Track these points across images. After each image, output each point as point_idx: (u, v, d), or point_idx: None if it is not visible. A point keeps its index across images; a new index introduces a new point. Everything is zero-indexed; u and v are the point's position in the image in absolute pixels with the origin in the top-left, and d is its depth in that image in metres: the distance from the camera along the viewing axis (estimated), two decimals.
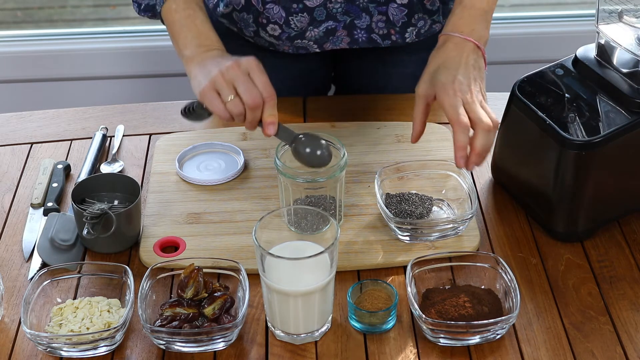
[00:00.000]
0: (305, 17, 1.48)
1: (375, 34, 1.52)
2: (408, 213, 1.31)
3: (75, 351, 1.14)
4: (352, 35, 1.52)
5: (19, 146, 1.52)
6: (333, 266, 1.13)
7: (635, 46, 1.30)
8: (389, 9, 1.49)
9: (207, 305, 1.16)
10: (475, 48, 1.31)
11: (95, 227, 1.26)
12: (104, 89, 2.34)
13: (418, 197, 1.34)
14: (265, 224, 1.15)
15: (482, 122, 1.23)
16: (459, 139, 1.23)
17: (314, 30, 1.51)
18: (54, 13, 3.15)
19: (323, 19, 1.49)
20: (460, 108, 1.24)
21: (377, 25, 1.51)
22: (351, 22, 1.50)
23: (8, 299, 1.23)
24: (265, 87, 1.24)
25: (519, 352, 1.15)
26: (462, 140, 1.23)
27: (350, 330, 1.19)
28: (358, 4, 1.48)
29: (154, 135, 1.54)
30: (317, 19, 1.49)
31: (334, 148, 1.30)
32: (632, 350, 1.16)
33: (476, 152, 1.24)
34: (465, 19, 1.33)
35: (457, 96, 1.25)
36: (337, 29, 1.51)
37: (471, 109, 1.24)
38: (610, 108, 1.27)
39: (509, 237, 1.33)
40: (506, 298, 1.18)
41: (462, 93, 1.25)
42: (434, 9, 1.53)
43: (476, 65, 1.30)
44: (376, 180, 1.33)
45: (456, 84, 1.26)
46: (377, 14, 1.50)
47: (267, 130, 1.25)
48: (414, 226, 1.28)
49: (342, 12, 1.49)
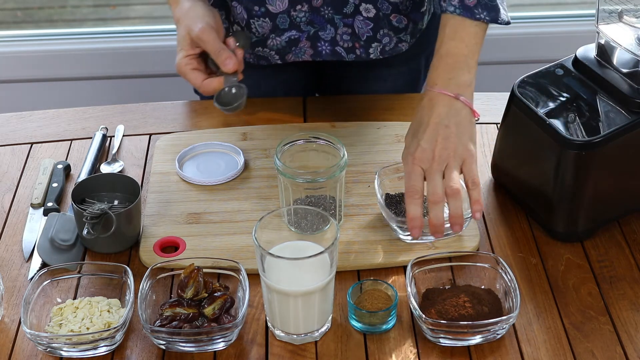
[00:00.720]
0: (267, 22, 1.46)
1: (339, 47, 1.50)
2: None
3: (75, 351, 1.14)
4: (315, 47, 1.50)
5: (19, 146, 1.52)
6: (333, 266, 1.13)
7: (635, 46, 1.30)
8: (354, 21, 1.47)
9: (207, 305, 1.16)
10: (451, 100, 1.26)
11: (95, 227, 1.26)
12: (104, 89, 2.34)
13: None
14: (265, 224, 1.15)
15: (433, 194, 1.22)
16: (409, 210, 1.23)
17: (275, 39, 1.49)
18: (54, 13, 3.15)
19: (286, 27, 1.47)
20: (412, 178, 1.23)
21: (342, 38, 1.49)
22: (315, 34, 1.48)
23: (8, 299, 1.23)
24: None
25: (519, 352, 1.15)
26: (411, 211, 1.23)
27: (350, 330, 1.19)
28: (323, 14, 1.46)
29: (154, 135, 1.54)
30: (280, 26, 1.47)
31: (334, 148, 1.30)
32: (632, 350, 1.16)
33: (430, 223, 1.23)
34: (441, 68, 1.29)
35: (414, 165, 1.24)
36: (300, 40, 1.49)
37: (428, 178, 1.23)
38: (610, 108, 1.27)
39: (509, 237, 1.33)
40: (506, 298, 1.18)
41: (420, 161, 1.23)
42: (401, 27, 1.50)
43: (449, 122, 1.25)
44: (376, 180, 1.33)
45: (417, 152, 1.24)
46: (342, 26, 1.48)
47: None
48: None
49: (306, 22, 1.47)
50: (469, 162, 1.24)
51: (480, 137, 1.52)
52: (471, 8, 1.30)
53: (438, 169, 1.23)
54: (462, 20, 1.30)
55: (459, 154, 1.24)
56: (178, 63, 1.33)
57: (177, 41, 1.34)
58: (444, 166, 1.23)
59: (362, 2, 1.45)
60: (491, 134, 1.52)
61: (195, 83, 1.33)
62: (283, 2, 1.44)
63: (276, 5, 1.44)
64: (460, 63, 1.29)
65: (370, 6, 1.46)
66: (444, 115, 1.25)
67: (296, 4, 1.45)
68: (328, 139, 1.31)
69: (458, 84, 1.27)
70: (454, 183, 1.22)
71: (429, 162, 1.23)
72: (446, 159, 1.23)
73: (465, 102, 1.26)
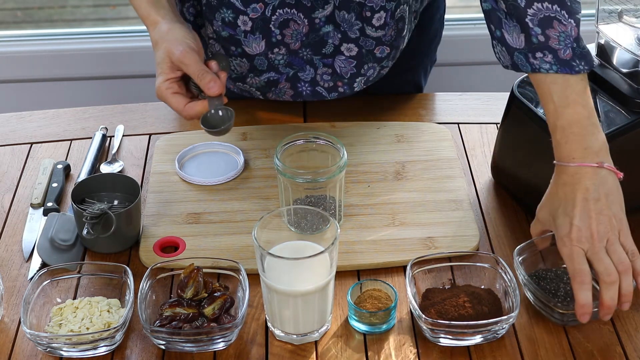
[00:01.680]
0: (244, 62, 1.44)
1: (320, 87, 1.47)
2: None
3: (75, 351, 1.14)
4: (295, 88, 1.47)
5: (19, 146, 1.52)
6: (333, 266, 1.13)
7: (635, 46, 1.30)
8: (335, 61, 1.44)
9: (207, 305, 1.16)
10: (595, 170, 1.17)
11: (95, 227, 1.26)
12: (104, 89, 2.34)
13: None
14: (265, 224, 1.15)
15: (608, 275, 1.13)
16: (579, 296, 1.13)
17: (255, 78, 1.46)
18: (54, 13, 3.16)
19: (264, 69, 1.44)
20: (577, 260, 1.14)
21: (322, 78, 1.46)
22: (294, 75, 1.45)
23: (8, 299, 1.23)
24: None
25: (519, 352, 1.15)
26: (581, 297, 1.13)
27: (350, 330, 1.19)
28: (302, 56, 1.43)
29: (153, 135, 1.54)
30: (258, 67, 1.44)
31: (334, 148, 1.30)
32: (632, 350, 1.16)
33: (604, 306, 1.13)
34: (572, 141, 1.17)
35: (574, 246, 1.14)
36: (280, 81, 1.46)
37: (594, 259, 1.14)
38: (610, 108, 1.27)
39: (509, 237, 1.33)
40: (506, 298, 1.18)
41: (579, 242, 1.14)
42: (384, 56, 1.46)
43: (599, 194, 1.16)
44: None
45: (573, 233, 1.15)
46: (322, 67, 1.44)
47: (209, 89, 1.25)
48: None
49: (285, 64, 1.44)
50: (625, 232, 1.16)
51: (480, 137, 1.52)
52: (568, 62, 1.19)
53: (602, 247, 1.14)
54: (564, 79, 1.19)
55: (615, 225, 1.15)
56: (158, 87, 1.27)
57: (156, 64, 1.28)
58: (605, 242, 1.14)
59: (342, 42, 1.41)
60: (491, 134, 1.52)
61: (177, 108, 1.27)
62: (260, 45, 1.41)
63: (252, 48, 1.41)
64: (588, 128, 1.17)
65: (352, 45, 1.42)
66: (592, 188, 1.16)
67: (273, 47, 1.41)
68: (328, 139, 1.31)
69: (596, 151, 1.17)
70: (624, 259, 1.14)
71: (588, 242, 1.14)
72: (605, 234, 1.14)
73: (610, 168, 1.18)
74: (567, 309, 1.16)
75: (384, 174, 1.42)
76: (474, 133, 1.53)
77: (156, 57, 1.28)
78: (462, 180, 1.41)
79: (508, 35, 1.23)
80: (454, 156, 1.46)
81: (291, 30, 1.39)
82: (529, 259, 1.22)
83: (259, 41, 1.40)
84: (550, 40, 1.19)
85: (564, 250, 1.16)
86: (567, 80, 1.19)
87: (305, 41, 1.41)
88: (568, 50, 1.19)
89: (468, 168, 1.46)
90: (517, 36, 1.21)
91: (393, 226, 1.33)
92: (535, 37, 1.19)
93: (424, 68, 1.66)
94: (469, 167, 1.46)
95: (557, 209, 1.18)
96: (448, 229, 1.32)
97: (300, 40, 1.40)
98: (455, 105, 1.61)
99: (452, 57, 2.19)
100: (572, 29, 1.19)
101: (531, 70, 1.21)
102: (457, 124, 1.55)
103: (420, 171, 1.43)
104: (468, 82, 2.25)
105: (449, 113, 1.59)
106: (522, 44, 1.21)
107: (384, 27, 1.41)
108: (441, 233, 1.31)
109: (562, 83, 1.19)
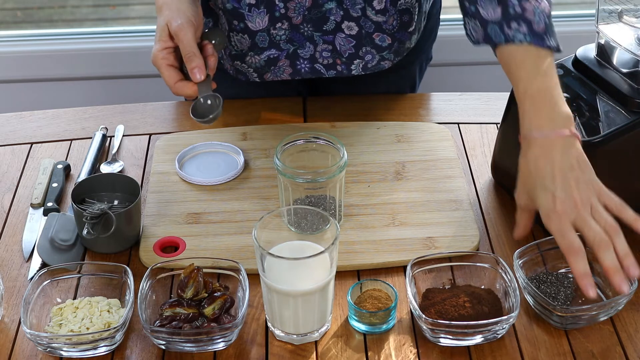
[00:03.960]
0: (245, 39, 1.45)
1: (318, 64, 1.49)
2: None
3: (75, 351, 1.14)
4: (294, 66, 1.49)
5: (19, 146, 1.52)
6: (333, 266, 1.13)
7: (635, 46, 1.30)
8: (336, 38, 1.45)
9: (207, 305, 1.16)
10: (564, 139, 1.18)
11: (95, 227, 1.26)
12: (104, 89, 2.34)
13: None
14: (265, 224, 1.15)
15: (599, 241, 1.12)
16: (576, 268, 1.12)
17: (255, 57, 1.47)
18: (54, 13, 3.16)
19: (265, 46, 1.46)
20: (567, 235, 1.13)
21: (322, 55, 1.47)
22: (294, 52, 1.47)
23: (8, 299, 1.23)
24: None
25: (519, 352, 1.15)
26: (578, 268, 1.12)
27: (350, 330, 1.19)
28: (303, 32, 1.44)
29: (153, 135, 1.54)
30: (259, 45, 1.46)
31: (334, 148, 1.30)
32: (632, 350, 1.16)
33: (610, 271, 1.11)
34: (541, 110, 1.19)
35: (562, 220, 1.14)
36: (280, 58, 1.47)
37: (583, 227, 1.13)
38: (610, 108, 1.27)
39: (509, 237, 1.33)
40: (506, 298, 1.18)
41: (567, 214, 1.14)
42: (384, 45, 1.48)
43: (572, 162, 1.17)
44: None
45: (558, 205, 1.14)
46: (322, 43, 1.46)
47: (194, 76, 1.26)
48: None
49: (286, 40, 1.45)
50: (604, 193, 1.16)
51: (480, 137, 1.52)
52: (541, 35, 1.22)
53: (588, 213, 1.14)
54: (536, 50, 1.22)
55: (593, 190, 1.16)
56: (154, 54, 1.29)
57: (155, 29, 1.31)
58: (589, 209, 1.14)
59: (344, 19, 1.43)
60: (491, 134, 1.52)
61: (168, 82, 1.29)
62: (263, 20, 1.42)
63: (256, 23, 1.42)
64: (556, 98, 1.20)
65: (353, 24, 1.44)
66: (564, 157, 1.17)
67: (276, 22, 1.43)
68: (328, 139, 1.31)
69: (564, 118, 1.19)
70: (611, 221, 1.14)
71: (574, 211, 1.14)
72: (588, 200, 1.14)
73: (574, 134, 1.18)
74: (567, 312, 1.16)
75: (384, 174, 1.43)
76: (474, 133, 1.53)
77: (157, 22, 1.31)
78: (462, 180, 1.41)
79: (483, 10, 1.26)
80: (454, 156, 1.46)
81: (294, 4, 1.41)
82: (528, 262, 1.22)
83: (262, 16, 1.42)
84: (526, 12, 1.23)
85: (552, 226, 1.15)
86: (538, 52, 1.22)
87: (307, 16, 1.42)
88: (542, 24, 1.23)
89: (468, 168, 1.46)
90: (492, 10, 1.25)
91: (393, 226, 1.33)
92: (513, 8, 1.23)
93: (420, 64, 1.67)
94: (469, 167, 1.46)
95: (535, 187, 1.18)
96: (448, 229, 1.32)
97: (302, 14, 1.42)
98: (455, 105, 1.61)
99: (452, 57, 2.19)
100: (546, 7, 1.24)
101: (505, 40, 1.24)
102: (457, 124, 1.55)
103: (420, 171, 1.43)
104: (468, 82, 2.25)
105: (449, 113, 1.59)
106: (499, 15, 1.24)
107: (384, 13, 1.43)
108: (441, 233, 1.31)
109: (535, 54, 1.22)
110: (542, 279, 1.22)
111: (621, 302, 1.16)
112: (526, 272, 1.21)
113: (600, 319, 1.17)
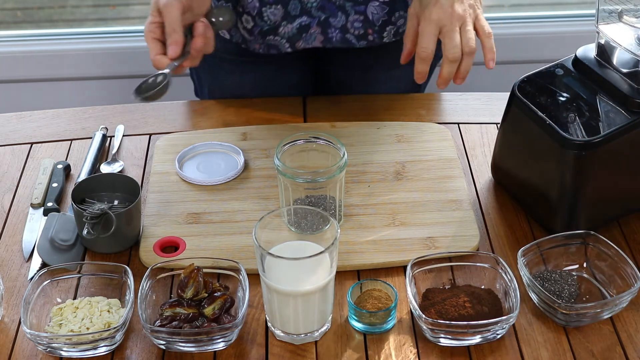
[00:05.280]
0: (279, 9, 1.47)
1: (350, 34, 1.50)
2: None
3: (75, 351, 1.14)
4: (326, 34, 1.50)
5: (19, 146, 1.52)
6: (333, 266, 1.13)
7: (635, 46, 1.30)
8: (368, 7, 1.47)
9: (207, 305, 1.16)
10: None
11: (95, 227, 1.26)
12: (104, 89, 2.34)
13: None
14: (265, 224, 1.15)
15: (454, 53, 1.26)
16: (419, 69, 1.31)
17: (287, 27, 1.49)
18: (54, 13, 3.15)
19: (297, 13, 1.47)
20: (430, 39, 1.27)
21: (353, 25, 1.49)
22: (326, 20, 1.48)
23: (8, 299, 1.23)
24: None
25: (519, 352, 1.15)
26: (420, 67, 1.30)
27: (350, 330, 1.19)
28: (334, 1, 1.46)
29: (154, 135, 1.54)
30: (291, 13, 1.47)
31: (334, 148, 1.30)
32: (632, 350, 1.16)
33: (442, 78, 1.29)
34: None
35: (432, 25, 1.27)
36: (311, 26, 1.49)
37: (447, 36, 1.27)
38: (610, 108, 1.27)
39: (509, 237, 1.33)
40: (506, 298, 1.18)
41: (440, 21, 1.27)
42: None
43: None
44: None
45: (434, 13, 1.27)
46: (353, 14, 1.48)
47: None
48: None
49: (317, 8, 1.47)
50: (480, 17, 1.28)
51: (480, 137, 1.52)
52: None
53: (456, 28, 1.26)
54: None
55: (471, 13, 1.27)
56: (145, 27, 1.34)
57: (151, 1, 1.35)
58: (459, 25, 1.26)
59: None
60: (491, 134, 1.52)
61: (150, 53, 1.34)
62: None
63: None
64: None
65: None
66: None
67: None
68: (328, 139, 1.31)
69: None
70: (472, 43, 1.27)
71: (447, 20, 1.26)
72: (462, 17, 1.27)
73: None
74: (571, 309, 1.16)
75: (384, 174, 1.43)
76: (474, 133, 1.53)
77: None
78: (462, 180, 1.41)
79: None
80: (454, 156, 1.46)
81: None
82: (532, 260, 1.23)
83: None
84: None
85: (425, 28, 1.29)
86: None
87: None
88: None
89: (468, 168, 1.46)
90: None
91: (393, 226, 1.33)
92: None
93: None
94: (469, 167, 1.46)
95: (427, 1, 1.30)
96: (448, 229, 1.32)
97: None
98: (456, 105, 1.61)
99: None
100: None
101: None
102: (457, 124, 1.55)
103: (420, 171, 1.43)
104: (468, 82, 2.25)
105: (449, 113, 1.59)
106: None
107: None
108: (441, 233, 1.31)
109: None
110: (546, 277, 1.22)
111: (625, 299, 1.16)
112: (530, 270, 1.21)
113: (604, 316, 1.18)
